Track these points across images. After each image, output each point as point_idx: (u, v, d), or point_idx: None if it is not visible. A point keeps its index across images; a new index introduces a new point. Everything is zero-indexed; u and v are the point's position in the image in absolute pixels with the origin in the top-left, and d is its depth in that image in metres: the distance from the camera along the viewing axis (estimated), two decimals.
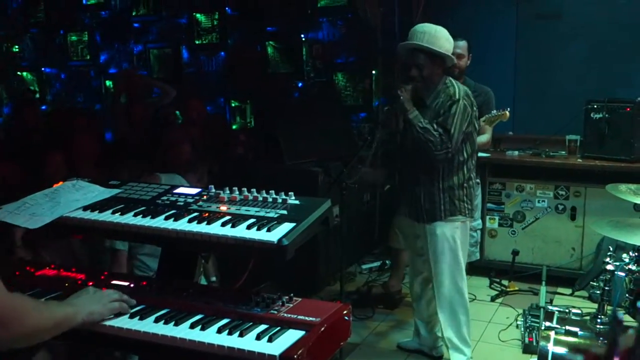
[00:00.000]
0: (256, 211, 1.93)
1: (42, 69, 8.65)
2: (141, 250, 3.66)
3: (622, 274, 3.30)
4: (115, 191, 2.21)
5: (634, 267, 3.23)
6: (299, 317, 1.70)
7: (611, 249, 3.58)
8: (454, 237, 3.67)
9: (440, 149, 3.44)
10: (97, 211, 2.05)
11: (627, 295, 3.24)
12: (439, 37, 3.51)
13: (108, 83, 8.15)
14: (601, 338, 3.17)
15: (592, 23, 5.70)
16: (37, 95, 8.41)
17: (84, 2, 8.07)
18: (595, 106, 5.10)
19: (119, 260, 3.57)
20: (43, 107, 8.06)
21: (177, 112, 6.69)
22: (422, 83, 3.53)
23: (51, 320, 1.59)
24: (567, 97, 5.56)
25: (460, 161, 3.62)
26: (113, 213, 2.02)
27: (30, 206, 2.09)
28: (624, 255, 3.39)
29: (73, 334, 1.70)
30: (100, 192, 2.19)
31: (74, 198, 2.13)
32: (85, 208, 2.08)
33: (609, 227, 3.04)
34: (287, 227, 1.81)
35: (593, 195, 5.07)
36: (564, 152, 5.36)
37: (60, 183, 2.27)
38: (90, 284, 1.94)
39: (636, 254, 3.30)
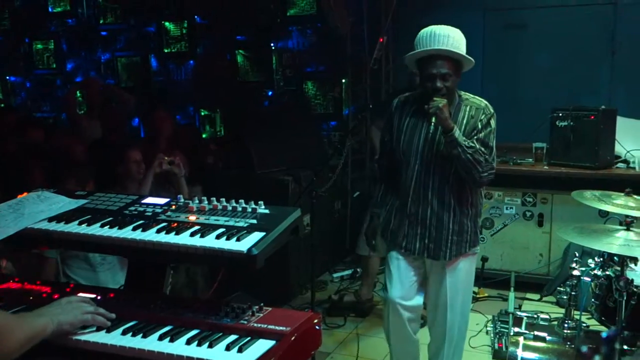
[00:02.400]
0: (225, 221, 1.92)
1: (7, 77, 8.50)
2: (71, 259, 3.55)
3: (588, 279, 3.36)
4: (81, 202, 2.17)
5: (599, 273, 3.29)
6: (269, 326, 1.69)
7: (577, 254, 3.65)
8: (473, 270, 3.27)
9: (485, 170, 3.00)
10: (63, 222, 2.01)
11: (592, 300, 3.30)
12: (462, 41, 3.00)
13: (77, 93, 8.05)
14: (569, 343, 3.23)
15: (557, 33, 5.83)
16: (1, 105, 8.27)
17: (50, 9, 7.97)
18: (560, 114, 5.19)
19: (48, 268, 3.47)
20: None
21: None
22: (447, 96, 2.98)
23: (30, 333, 1.56)
24: (534, 105, 5.66)
25: None
26: (79, 224, 1.99)
27: None
28: (590, 260, 3.46)
29: (36, 349, 1.67)
30: (66, 203, 2.15)
31: (39, 209, 2.10)
32: (50, 219, 2.04)
33: (575, 233, 3.09)
34: (256, 236, 1.81)
35: (559, 201, 5.15)
36: (531, 160, 5.45)
37: (25, 194, 2.23)
38: (56, 296, 1.90)
39: (601, 259, 3.36)
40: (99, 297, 1.92)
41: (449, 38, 2.94)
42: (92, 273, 3.50)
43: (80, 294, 1.92)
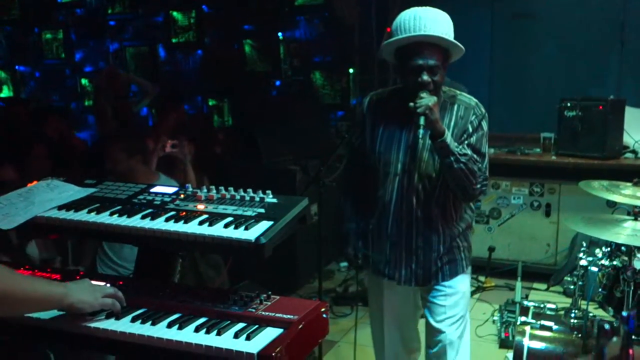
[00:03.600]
0: (233, 210, 1.93)
1: (16, 67, 8.52)
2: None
3: (595, 269, 3.34)
4: (90, 190, 2.18)
5: (606, 263, 3.27)
6: (277, 315, 1.69)
7: (585, 244, 3.63)
8: (468, 291, 2.85)
9: (479, 181, 2.54)
10: (73, 210, 2.02)
11: (600, 290, 3.29)
12: (451, 25, 2.50)
13: (84, 81, 8.07)
14: (575, 332, 3.22)
15: (566, 23, 5.78)
16: (8, 93, 8.31)
17: None
18: (569, 104, 5.16)
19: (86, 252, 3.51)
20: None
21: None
22: (435, 93, 2.46)
23: (27, 292, 1.55)
24: (542, 95, 5.63)
25: None
26: (89, 212, 2.00)
27: (3, 206, 2.05)
28: (597, 250, 3.44)
29: (46, 332, 1.68)
30: (75, 192, 2.16)
31: (49, 198, 2.11)
32: (60, 207, 2.05)
33: (583, 223, 3.07)
34: (264, 225, 1.81)
35: (567, 191, 5.13)
36: (538, 150, 5.43)
37: (35, 182, 2.24)
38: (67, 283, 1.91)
39: (608, 249, 3.35)
40: (107, 285, 1.93)
41: (437, 22, 2.42)
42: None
43: (92, 282, 1.93)
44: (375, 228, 2.72)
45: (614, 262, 3.21)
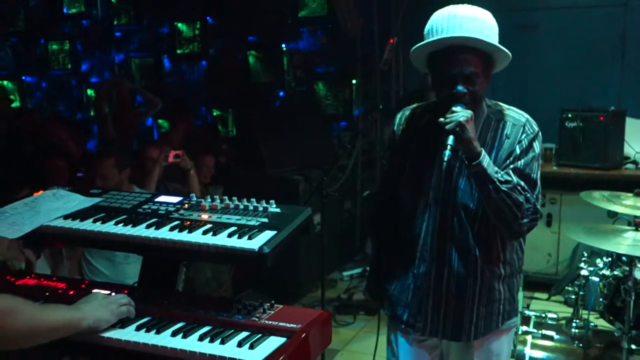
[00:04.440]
0: (237, 219, 1.93)
1: (23, 77, 8.57)
2: (95, 256, 3.58)
3: (597, 279, 3.34)
4: (96, 200, 2.19)
5: (607, 273, 3.28)
6: (280, 324, 1.70)
7: (586, 254, 3.64)
8: (508, 353, 2.36)
9: (526, 215, 2.06)
10: (78, 220, 2.03)
11: (601, 299, 3.29)
12: (495, 27, 2.10)
13: (90, 92, 8.11)
14: (577, 342, 3.22)
15: (568, 35, 5.80)
16: (17, 104, 8.35)
17: (65, 11, 8.02)
18: (570, 115, 5.17)
19: (72, 260, 3.49)
20: None
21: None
22: (473, 106, 2.06)
23: (46, 323, 1.56)
24: (543, 105, 5.62)
25: None
26: (94, 222, 2.01)
27: (10, 215, 2.06)
28: (598, 260, 3.44)
29: (52, 343, 1.69)
30: (81, 201, 2.17)
31: (55, 207, 2.11)
32: (66, 217, 2.06)
33: (584, 234, 3.08)
34: (268, 235, 1.81)
35: (568, 202, 5.13)
36: (541, 160, 5.41)
37: (41, 192, 2.25)
38: (72, 292, 1.92)
39: (609, 259, 3.35)
40: (112, 294, 1.93)
41: (477, 22, 2.01)
42: (112, 268, 3.54)
43: (95, 290, 1.94)
44: (401, 265, 2.28)
45: (615, 272, 3.22)
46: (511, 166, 2.09)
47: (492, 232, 2.13)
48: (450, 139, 1.97)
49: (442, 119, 1.99)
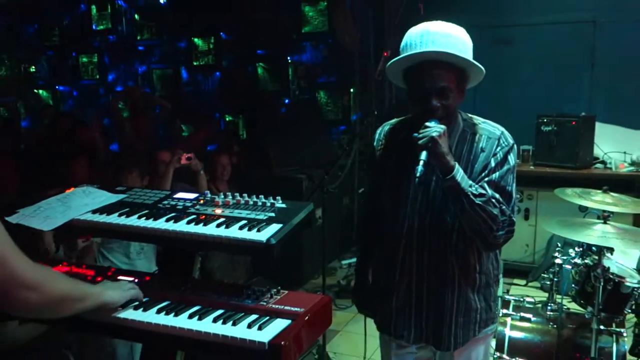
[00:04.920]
0: (247, 214, 1.92)
1: (56, 87, 8.59)
2: (111, 251, 3.57)
3: (569, 266, 3.33)
4: (121, 196, 2.18)
5: (579, 261, 3.27)
6: (286, 307, 1.69)
7: (559, 245, 3.62)
8: (487, 357, 2.23)
9: (501, 227, 1.90)
10: (105, 214, 2.02)
11: (573, 285, 3.28)
12: (468, 43, 1.94)
13: None
14: (551, 323, 3.20)
15: (541, 48, 5.78)
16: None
17: (94, 27, 8.03)
18: (545, 120, 5.16)
19: (89, 253, 3.48)
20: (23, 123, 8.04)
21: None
22: (446, 120, 1.91)
23: (78, 292, 1.57)
24: (521, 112, 5.61)
25: None
26: (119, 216, 2.00)
27: (44, 210, 2.05)
28: (571, 250, 3.43)
29: (84, 324, 1.68)
30: (107, 197, 2.16)
31: (84, 202, 2.11)
32: (94, 211, 2.05)
33: (558, 226, 3.07)
34: (274, 227, 1.80)
35: (544, 198, 5.12)
36: (518, 160, 5.41)
37: (72, 189, 2.24)
38: (99, 279, 1.92)
39: (581, 249, 3.34)
40: (136, 280, 1.93)
41: (450, 37, 1.87)
42: (128, 262, 3.52)
43: (120, 277, 1.94)
44: (384, 276, 2.13)
45: (586, 261, 3.21)
46: (486, 179, 1.92)
47: (469, 244, 1.97)
48: (423, 155, 1.81)
49: (415, 134, 1.85)
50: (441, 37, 1.86)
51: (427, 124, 1.85)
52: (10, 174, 3.95)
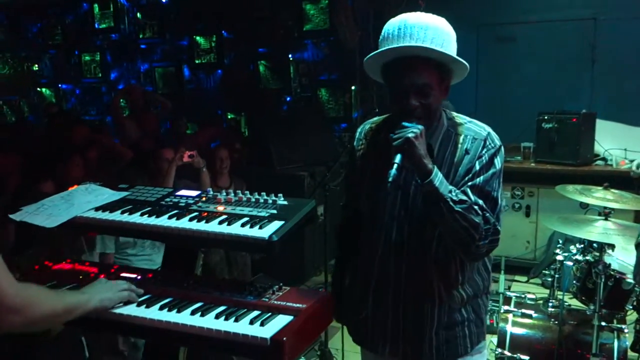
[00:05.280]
0: (249, 211, 1.92)
1: (59, 85, 8.59)
2: (126, 251, 3.56)
3: (570, 263, 3.32)
4: (123, 194, 2.19)
5: (580, 258, 3.26)
6: (288, 304, 1.69)
7: (560, 241, 3.62)
8: None
9: (484, 236, 1.70)
10: (108, 211, 2.03)
11: (574, 282, 3.27)
12: (451, 36, 1.73)
13: None
14: (552, 319, 3.20)
15: (543, 45, 5.77)
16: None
17: (96, 26, 8.03)
18: (546, 117, 5.15)
19: (108, 262, 3.48)
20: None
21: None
22: (426, 120, 1.73)
23: (64, 307, 1.57)
24: (522, 109, 5.61)
25: None
26: (122, 213, 2.00)
27: (48, 207, 2.06)
28: (572, 247, 3.42)
29: (88, 322, 1.69)
30: (110, 195, 2.17)
31: (87, 200, 2.11)
32: (97, 209, 2.06)
33: (559, 223, 3.06)
34: (276, 224, 1.81)
35: (545, 195, 5.11)
36: (519, 157, 5.40)
37: (75, 187, 2.24)
38: (102, 276, 1.92)
39: (582, 246, 3.33)
40: (139, 277, 1.93)
41: (429, 30, 1.66)
42: (148, 257, 3.53)
43: (123, 274, 1.94)
44: (361, 287, 1.92)
45: (587, 257, 3.20)
46: (469, 183, 1.72)
47: (451, 253, 1.77)
48: (398, 157, 1.63)
49: (392, 135, 1.66)
50: (420, 29, 1.66)
51: (404, 123, 1.67)
52: (13, 170, 3.96)
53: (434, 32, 1.67)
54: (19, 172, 3.98)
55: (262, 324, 1.60)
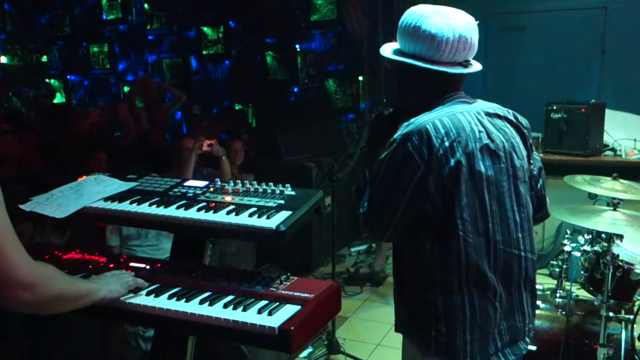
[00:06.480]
0: (257, 201, 1.93)
1: (68, 76, 8.62)
2: (130, 243, 3.58)
3: (578, 254, 3.31)
4: (132, 184, 2.19)
5: (588, 248, 3.25)
6: (295, 293, 1.70)
7: (569, 232, 3.60)
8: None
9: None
10: (117, 202, 2.03)
11: (582, 272, 3.26)
12: (415, 30, 1.74)
13: (126, 89, 8.13)
14: (560, 310, 3.20)
15: (552, 35, 5.72)
16: (62, 99, 8.39)
17: (104, 17, 8.04)
18: (554, 107, 5.11)
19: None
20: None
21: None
22: (413, 114, 1.76)
23: (74, 291, 1.57)
24: (530, 99, 5.55)
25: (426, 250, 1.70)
26: (131, 203, 2.01)
27: (57, 197, 2.07)
28: (580, 237, 3.41)
29: (99, 311, 1.70)
30: (119, 185, 2.17)
31: (96, 190, 2.12)
32: (106, 199, 2.06)
33: (567, 213, 3.05)
34: (284, 215, 1.81)
35: (553, 185, 5.02)
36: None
37: (84, 177, 2.25)
38: (111, 265, 1.93)
39: (590, 236, 3.32)
40: (148, 267, 1.94)
41: (400, 24, 1.80)
42: (156, 245, 3.54)
43: (132, 264, 1.95)
44: None
45: (595, 248, 3.19)
46: None
47: (404, 240, 1.78)
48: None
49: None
50: (400, 24, 1.80)
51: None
52: (33, 150, 3.97)
53: (402, 24, 1.80)
54: (39, 157, 4.00)
55: (270, 314, 1.60)
